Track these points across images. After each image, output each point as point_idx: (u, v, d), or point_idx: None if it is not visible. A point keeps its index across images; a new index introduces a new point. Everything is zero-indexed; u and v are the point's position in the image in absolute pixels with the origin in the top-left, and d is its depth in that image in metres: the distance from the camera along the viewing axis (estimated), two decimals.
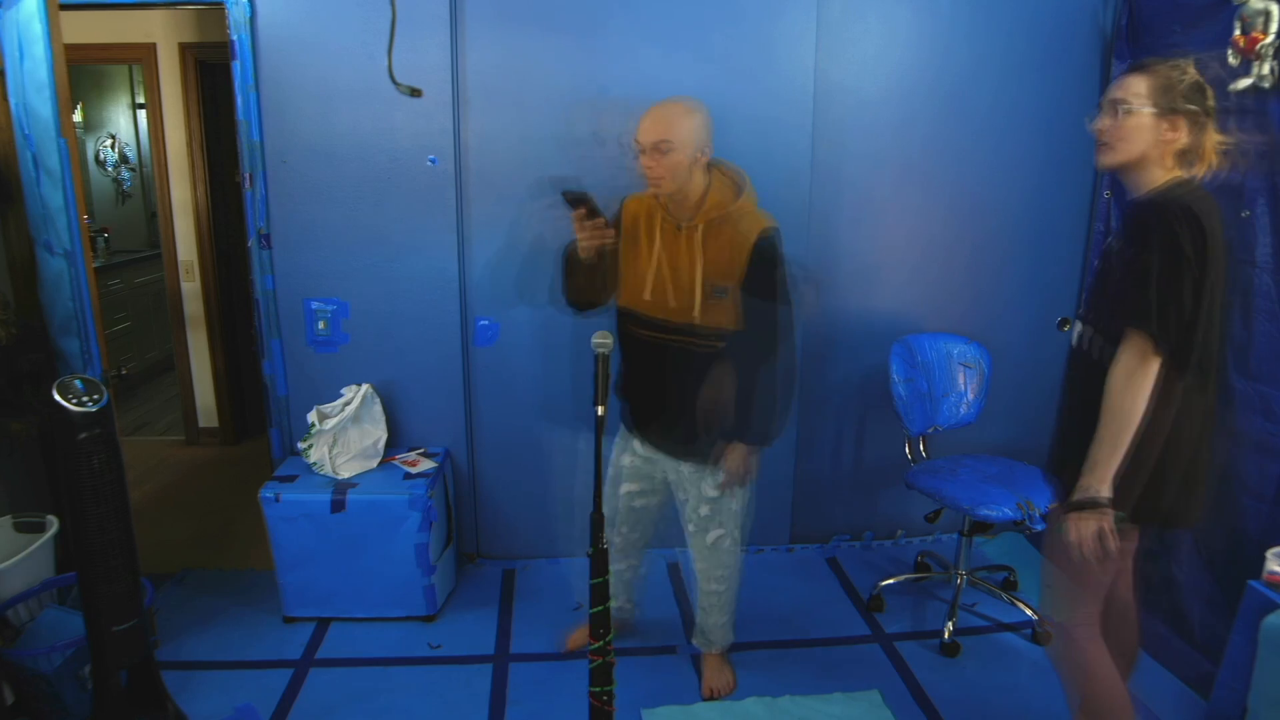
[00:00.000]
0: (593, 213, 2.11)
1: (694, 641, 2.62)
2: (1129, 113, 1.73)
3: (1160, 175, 1.75)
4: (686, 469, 2.37)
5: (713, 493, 2.36)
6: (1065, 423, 1.94)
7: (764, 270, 2.17)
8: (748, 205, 2.19)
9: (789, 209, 3.02)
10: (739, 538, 2.46)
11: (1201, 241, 1.62)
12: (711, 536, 2.42)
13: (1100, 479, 1.69)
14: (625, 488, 2.50)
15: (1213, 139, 1.74)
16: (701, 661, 2.60)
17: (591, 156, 2.90)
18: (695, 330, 2.19)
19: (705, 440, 2.30)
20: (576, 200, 2.12)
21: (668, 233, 2.20)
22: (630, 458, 2.47)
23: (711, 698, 2.49)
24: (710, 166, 2.20)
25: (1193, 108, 1.71)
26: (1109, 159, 1.78)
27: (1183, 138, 1.72)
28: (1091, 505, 1.69)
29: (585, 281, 2.29)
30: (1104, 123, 1.78)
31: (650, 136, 2.09)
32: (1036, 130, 3.11)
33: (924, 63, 3.03)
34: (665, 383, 2.30)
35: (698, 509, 2.40)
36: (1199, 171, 1.75)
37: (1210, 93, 1.74)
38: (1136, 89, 1.73)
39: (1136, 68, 1.78)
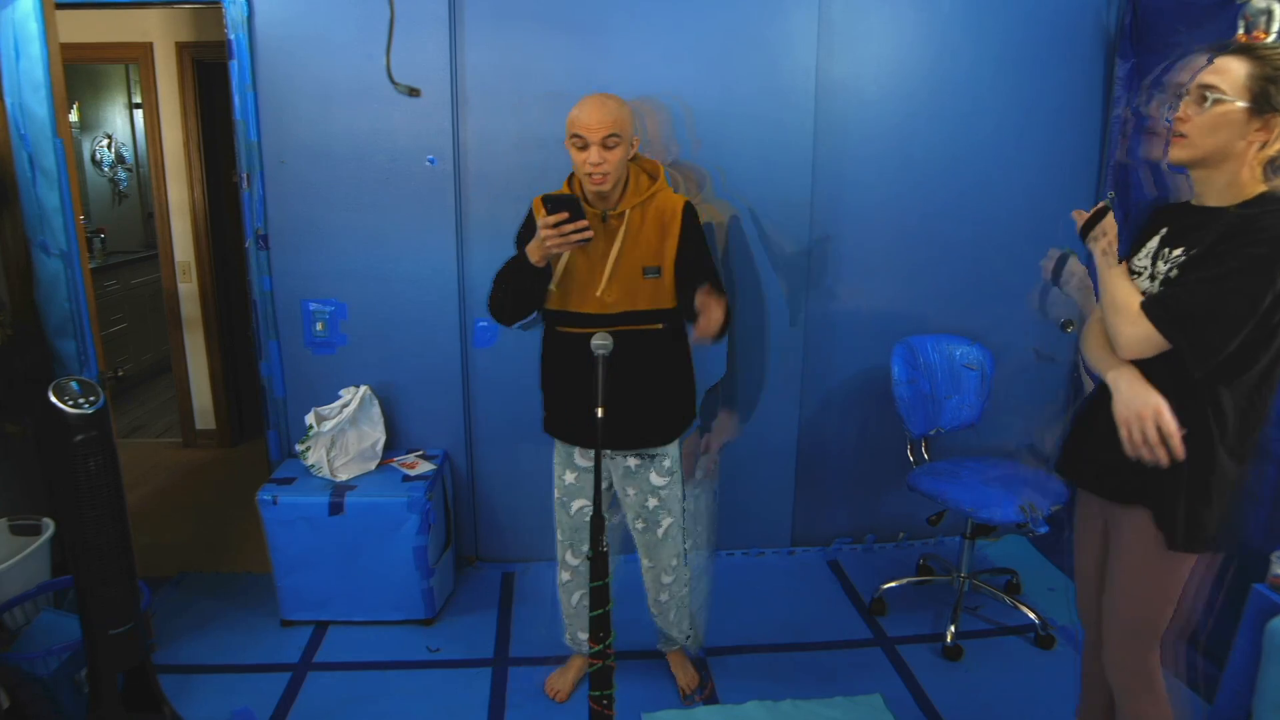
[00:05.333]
0: (576, 217, 2.00)
1: (660, 646, 2.63)
2: (1218, 102, 1.48)
3: (1249, 183, 1.52)
4: (633, 463, 2.35)
5: (660, 481, 2.37)
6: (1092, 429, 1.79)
7: (695, 234, 2.24)
8: (663, 186, 2.24)
9: (790, 208, 3.03)
10: (686, 527, 2.46)
11: None
12: (663, 528, 2.42)
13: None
14: (577, 504, 2.43)
15: None
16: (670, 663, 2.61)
17: None
18: (633, 315, 2.20)
19: (656, 424, 2.32)
20: (563, 205, 2.00)
21: (593, 225, 2.13)
22: (573, 474, 2.40)
23: (688, 693, 2.51)
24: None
25: None
26: (1181, 153, 1.55)
27: (1277, 144, 1.48)
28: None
29: (538, 289, 2.18)
30: (1186, 111, 1.53)
31: (600, 131, 2.06)
32: (1039, 129, 3.10)
33: (926, 62, 3.02)
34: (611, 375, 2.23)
35: (645, 503, 2.38)
36: None
37: None
38: (1233, 76, 1.48)
39: (1238, 49, 1.51)
